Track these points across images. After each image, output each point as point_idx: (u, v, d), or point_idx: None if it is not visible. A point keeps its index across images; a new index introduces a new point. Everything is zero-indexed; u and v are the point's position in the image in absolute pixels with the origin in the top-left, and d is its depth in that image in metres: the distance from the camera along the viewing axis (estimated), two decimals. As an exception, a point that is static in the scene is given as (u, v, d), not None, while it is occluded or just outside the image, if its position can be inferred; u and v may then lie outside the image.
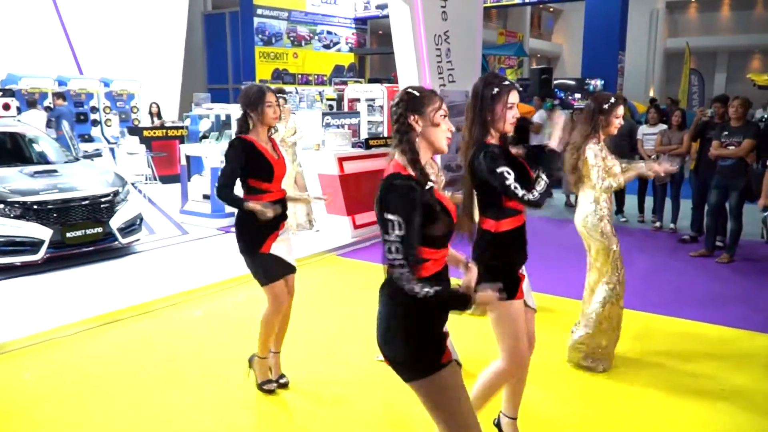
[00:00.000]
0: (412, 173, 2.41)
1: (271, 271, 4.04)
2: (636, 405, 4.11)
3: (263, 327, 4.14)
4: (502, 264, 3.18)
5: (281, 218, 4.03)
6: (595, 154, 4.34)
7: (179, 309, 5.94)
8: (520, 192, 2.99)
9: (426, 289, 2.24)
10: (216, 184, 3.95)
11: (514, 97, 3.14)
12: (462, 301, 2.26)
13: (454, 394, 2.45)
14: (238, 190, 3.97)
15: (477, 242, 3.24)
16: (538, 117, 11.55)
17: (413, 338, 2.42)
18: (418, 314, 2.38)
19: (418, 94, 2.47)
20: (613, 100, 4.44)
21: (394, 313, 2.42)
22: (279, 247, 4.05)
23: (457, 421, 2.43)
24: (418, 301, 2.29)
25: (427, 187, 2.38)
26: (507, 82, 3.17)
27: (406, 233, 2.28)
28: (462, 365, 2.59)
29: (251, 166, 3.94)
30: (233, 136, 4.09)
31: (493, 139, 3.17)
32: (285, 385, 4.34)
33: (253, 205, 3.84)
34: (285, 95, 9.02)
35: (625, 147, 9.06)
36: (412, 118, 2.44)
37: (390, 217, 2.29)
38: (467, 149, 3.21)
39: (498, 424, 3.59)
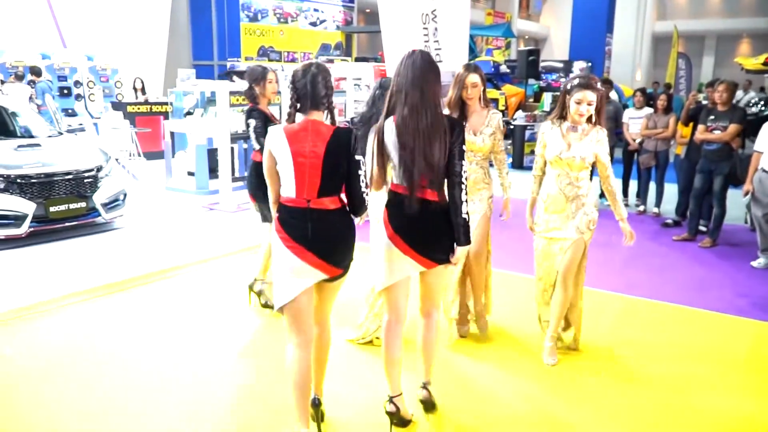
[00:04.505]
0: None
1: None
2: (614, 388, 4.13)
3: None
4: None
5: None
6: (542, 131, 4.24)
7: (162, 284, 5.91)
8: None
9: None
10: (255, 146, 4.88)
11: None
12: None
13: None
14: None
15: None
16: None
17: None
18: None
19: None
20: (576, 82, 4.03)
21: None
22: None
23: None
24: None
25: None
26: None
27: None
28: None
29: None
30: (244, 111, 5.10)
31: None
32: None
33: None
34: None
35: (610, 130, 9.06)
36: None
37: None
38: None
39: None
